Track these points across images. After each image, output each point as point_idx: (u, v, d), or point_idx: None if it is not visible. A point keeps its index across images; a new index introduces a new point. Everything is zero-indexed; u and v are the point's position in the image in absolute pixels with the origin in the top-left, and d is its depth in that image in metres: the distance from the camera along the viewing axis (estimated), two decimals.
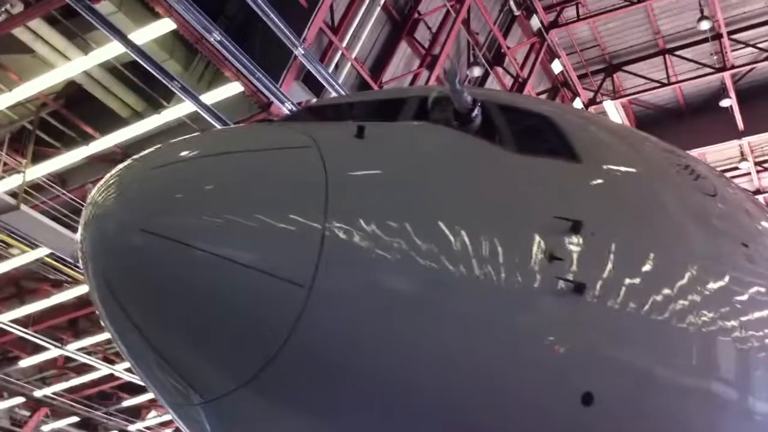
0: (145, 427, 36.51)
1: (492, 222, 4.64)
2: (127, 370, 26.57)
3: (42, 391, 32.29)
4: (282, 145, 4.37)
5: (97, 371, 30.80)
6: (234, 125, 16.15)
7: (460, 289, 4.36)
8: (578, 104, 29.04)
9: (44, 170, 20.09)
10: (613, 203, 5.47)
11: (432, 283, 4.29)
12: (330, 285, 4.00)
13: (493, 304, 4.48)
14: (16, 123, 20.70)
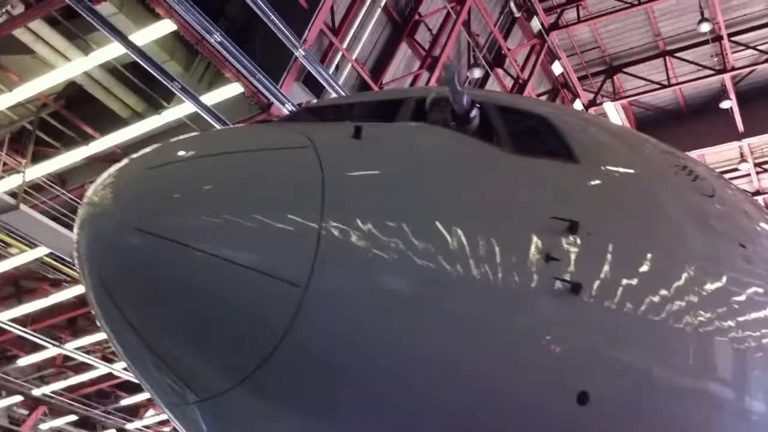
0: (143, 425, 36.51)
1: (489, 222, 4.64)
2: (126, 369, 26.50)
3: (40, 390, 32.30)
4: (279, 145, 4.37)
5: (96, 370, 30.81)
6: (233, 126, 16.13)
7: (457, 289, 4.37)
8: (578, 106, 29.05)
9: (44, 170, 20.09)
10: (610, 204, 5.47)
11: (428, 284, 4.29)
12: (326, 285, 4.00)
13: (490, 305, 4.48)
14: (17, 123, 20.69)
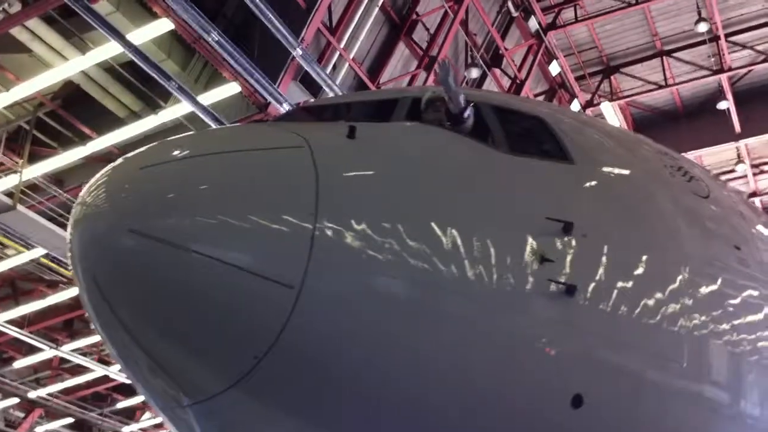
0: (139, 428, 36.41)
1: (483, 223, 4.63)
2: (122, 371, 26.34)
3: (36, 392, 32.21)
4: (273, 145, 4.36)
5: (92, 372, 30.75)
6: (228, 125, 16.08)
7: (450, 290, 4.36)
8: (576, 106, 29.07)
9: (41, 170, 20.04)
10: (605, 204, 5.47)
11: (422, 285, 4.28)
12: (320, 286, 4.00)
13: (484, 306, 4.48)
14: (13, 123, 20.67)
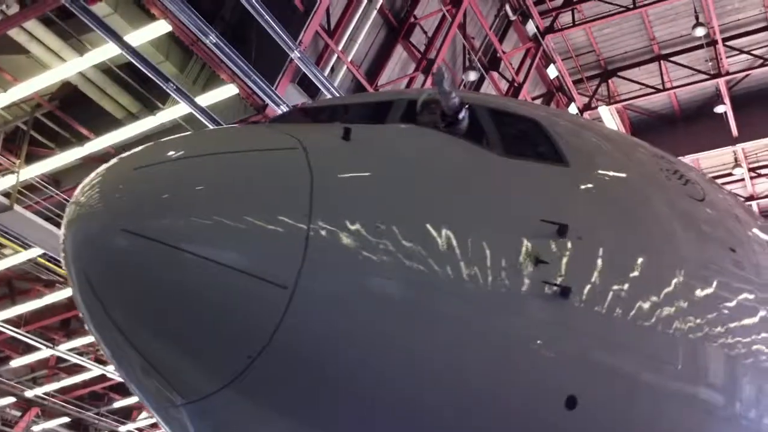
0: (135, 428, 36.37)
1: (477, 225, 4.64)
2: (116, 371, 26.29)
3: (33, 392, 32.18)
4: (268, 146, 4.36)
5: (89, 372, 30.71)
6: (222, 126, 16.07)
7: (445, 291, 4.37)
8: (573, 109, 29.04)
9: (38, 171, 20.01)
10: (600, 207, 5.47)
11: (416, 286, 4.29)
12: (314, 286, 4.00)
13: (478, 308, 4.48)
14: (11, 123, 20.65)
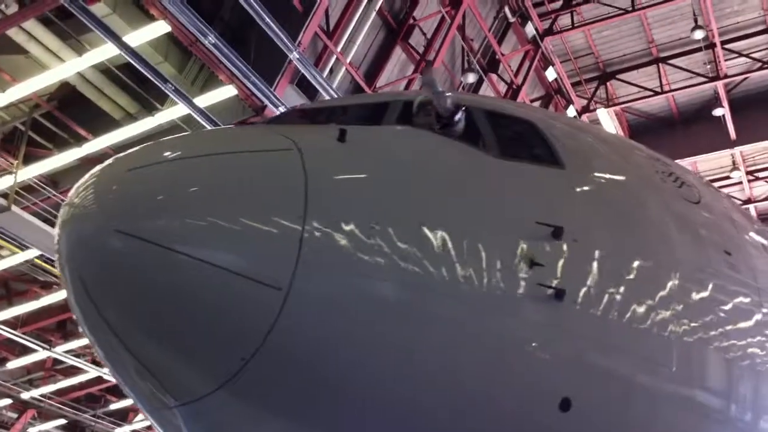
0: (132, 430, 36.31)
1: (472, 227, 4.64)
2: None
3: (29, 393, 32.12)
4: (263, 147, 4.36)
5: (85, 374, 30.68)
6: (217, 127, 16.04)
7: (439, 293, 4.36)
8: (572, 112, 29.11)
9: (36, 171, 19.97)
10: (595, 209, 5.47)
11: (410, 288, 4.28)
12: (308, 288, 4.00)
13: (473, 309, 4.47)
14: (9, 123, 20.61)
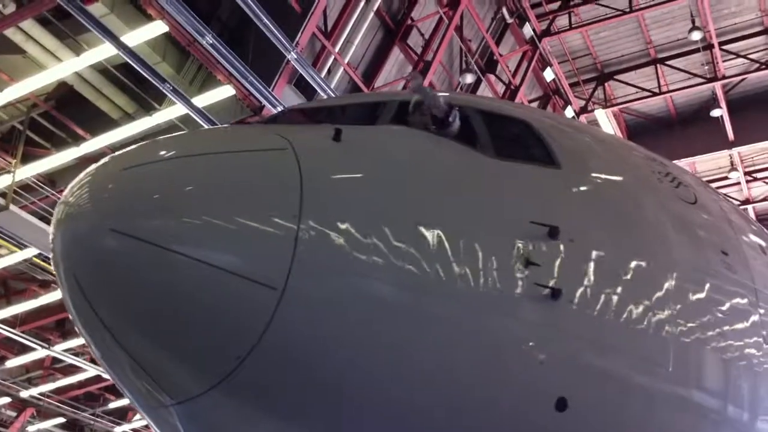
0: (131, 428, 36.31)
1: (468, 226, 4.64)
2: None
3: (28, 392, 32.12)
4: (258, 147, 4.37)
5: (84, 372, 30.63)
6: (212, 126, 16.05)
7: (435, 293, 4.37)
8: (569, 112, 29.07)
9: (34, 171, 20.00)
10: (591, 209, 5.47)
11: (405, 287, 4.28)
12: (303, 287, 4.00)
13: (469, 309, 4.48)
14: (7, 123, 20.64)
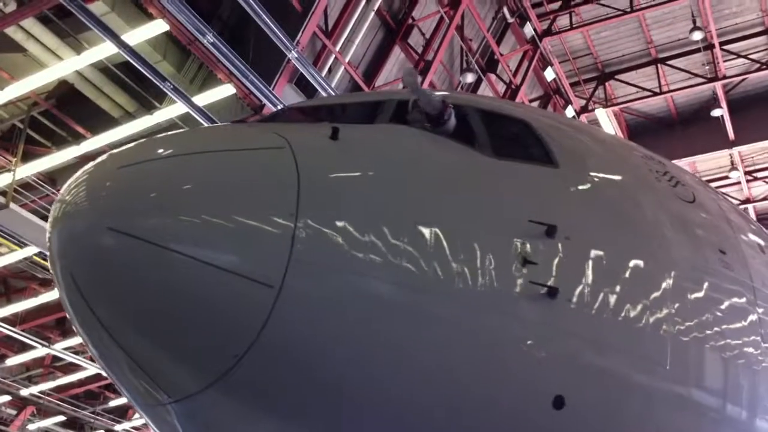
0: (131, 426, 36.34)
1: (465, 225, 4.64)
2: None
3: (28, 390, 32.14)
4: (255, 145, 4.36)
5: (84, 370, 30.65)
6: (210, 125, 16.05)
7: (432, 291, 4.36)
8: (570, 112, 29.08)
9: (34, 169, 19.99)
10: (589, 208, 5.47)
11: (402, 286, 4.28)
12: (300, 285, 4.00)
13: (466, 307, 4.48)
14: (7, 121, 20.64)
